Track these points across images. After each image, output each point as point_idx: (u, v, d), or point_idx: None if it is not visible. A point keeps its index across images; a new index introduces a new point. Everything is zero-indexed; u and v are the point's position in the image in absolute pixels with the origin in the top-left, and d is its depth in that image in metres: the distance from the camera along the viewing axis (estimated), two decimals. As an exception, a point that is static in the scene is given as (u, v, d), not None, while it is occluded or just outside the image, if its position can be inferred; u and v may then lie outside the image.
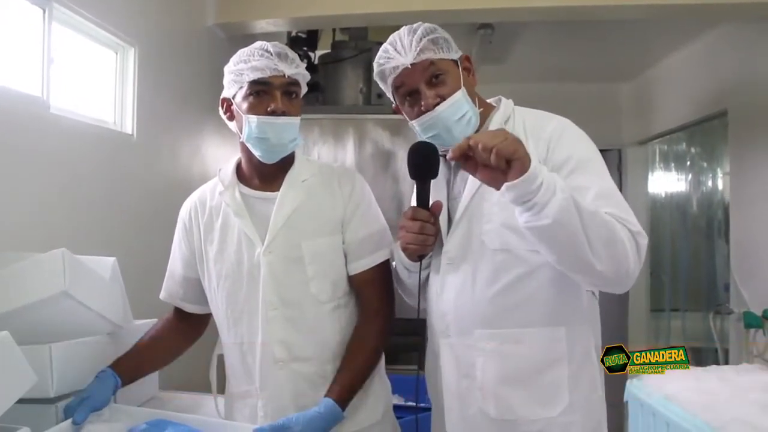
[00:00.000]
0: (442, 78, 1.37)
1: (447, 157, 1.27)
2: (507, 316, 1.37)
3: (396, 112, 1.50)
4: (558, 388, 1.36)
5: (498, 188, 1.18)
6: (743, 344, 3.30)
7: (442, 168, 1.43)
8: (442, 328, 1.43)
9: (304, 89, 1.51)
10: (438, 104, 1.35)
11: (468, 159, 1.19)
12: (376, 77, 1.45)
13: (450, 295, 1.41)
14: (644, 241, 1.25)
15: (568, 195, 1.15)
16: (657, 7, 3.01)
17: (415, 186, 1.41)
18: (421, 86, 1.37)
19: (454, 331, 1.41)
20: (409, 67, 1.36)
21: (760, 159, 3.43)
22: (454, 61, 1.40)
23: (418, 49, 1.35)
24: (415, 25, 1.40)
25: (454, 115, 1.36)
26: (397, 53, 1.37)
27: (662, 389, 2.22)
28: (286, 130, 1.44)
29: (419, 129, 1.41)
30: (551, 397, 1.36)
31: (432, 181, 1.38)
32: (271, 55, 1.42)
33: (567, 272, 1.28)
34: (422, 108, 1.37)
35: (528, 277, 1.35)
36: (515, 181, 1.14)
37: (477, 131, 1.41)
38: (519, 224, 1.22)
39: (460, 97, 1.37)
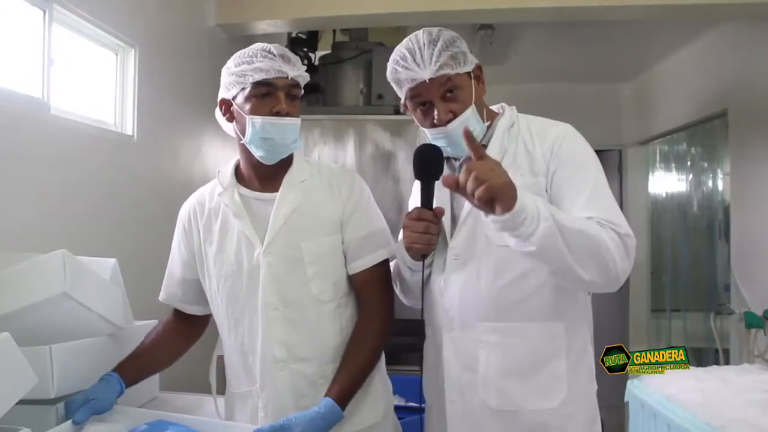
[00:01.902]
0: (457, 93, 1.41)
1: (441, 181, 1.33)
2: (510, 310, 1.41)
3: (399, 112, 1.53)
4: (557, 381, 1.41)
5: (486, 215, 1.26)
6: (744, 345, 3.30)
7: (445, 168, 1.47)
8: (446, 321, 1.47)
9: (302, 91, 1.52)
10: (450, 120, 1.40)
11: (459, 186, 1.25)
12: (389, 77, 1.47)
13: (455, 290, 1.45)
14: (632, 242, 1.33)
15: (551, 223, 1.24)
16: (657, 7, 3.01)
17: (419, 186, 1.45)
18: (435, 100, 1.41)
19: (458, 324, 1.45)
20: (427, 81, 1.38)
21: (760, 159, 3.43)
22: (468, 73, 1.44)
23: (438, 64, 1.38)
24: (434, 34, 1.41)
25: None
26: (416, 65, 1.39)
27: (663, 390, 2.23)
28: (290, 130, 1.45)
29: (430, 137, 1.46)
30: (551, 388, 1.41)
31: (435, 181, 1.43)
32: (275, 56, 1.43)
33: (557, 280, 1.38)
34: (435, 121, 1.42)
35: (530, 273, 1.40)
36: (501, 217, 1.22)
37: (482, 137, 1.47)
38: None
39: (470, 115, 1.42)
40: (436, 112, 1.41)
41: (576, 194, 1.37)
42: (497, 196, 1.20)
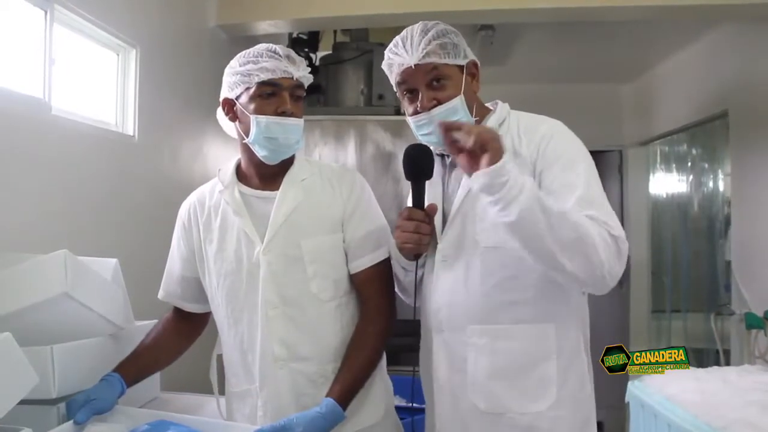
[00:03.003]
0: (443, 83, 1.40)
1: (438, 123, 1.34)
2: (498, 312, 1.40)
3: (400, 112, 1.52)
4: (546, 384, 1.39)
5: (470, 175, 1.25)
6: (744, 345, 3.30)
7: (437, 167, 1.47)
8: (436, 323, 1.46)
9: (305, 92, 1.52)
10: (433, 107, 1.39)
11: (453, 143, 1.26)
12: (383, 65, 1.47)
13: (444, 292, 1.44)
14: (624, 246, 1.29)
15: (533, 196, 1.21)
16: (658, 8, 3.02)
17: (410, 186, 1.44)
18: (420, 87, 1.40)
19: (447, 326, 1.44)
20: (413, 67, 1.38)
21: (761, 160, 3.43)
22: (460, 67, 1.42)
23: (425, 51, 1.38)
24: (430, 24, 1.42)
25: (447, 120, 1.39)
26: (404, 51, 1.39)
27: (664, 390, 2.23)
28: (294, 131, 1.45)
29: (413, 126, 1.45)
30: (540, 391, 1.39)
31: (427, 181, 1.42)
32: (280, 57, 1.43)
33: (544, 269, 1.32)
34: (418, 108, 1.41)
35: (519, 275, 1.38)
36: (484, 170, 1.21)
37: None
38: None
39: (457, 104, 1.40)
40: (419, 99, 1.40)
41: (565, 196, 1.31)
42: (486, 144, 1.21)
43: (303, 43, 3.86)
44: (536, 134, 1.41)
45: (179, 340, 1.64)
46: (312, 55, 3.86)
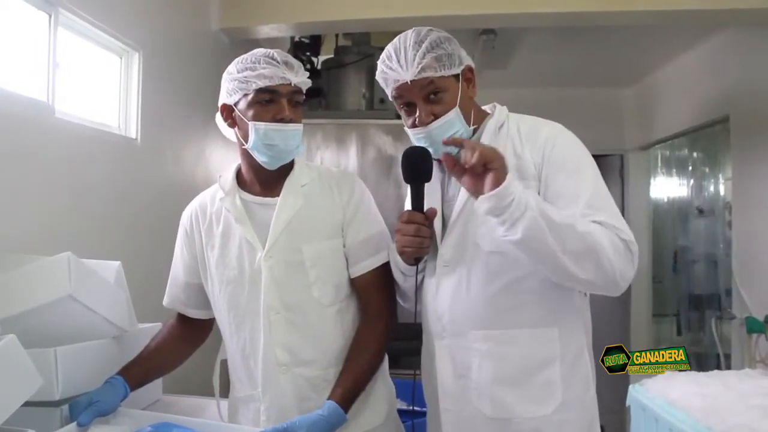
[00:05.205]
0: (440, 96, 1.39)
1: (442, 141, 1.36)
2: (501, 317, 1.39)
3: (400, 117, 1.52)
4: (551, 387, 1.39)
5: (476, 198, 1.27)
6: (745, 350, 3.30)
7: (436, 172, 1.46)
8: (438, 329, 1.46)
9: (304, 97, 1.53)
10: (431, 121, 1.38)
11: (456, 163, 1.29)
12: (377, 77, 1.47)
13: (445, 297, 1.44)
14: (635, 248, 1.31)
15: (538, 212, 1.22)
16: (659, 12, 3.02)
17: (409, 189, 1.44)
18: (418, 102, 1.40)
19: (450, 332, 1.44)
20: (409, 83, 1.37)
21: (762, 164, 3.43)
22: (456, 75, 1.41)
23: (420, 66, 1.36)
24: (422, 34, 1.40)
25: (445, 133, 1.39)
26: (399, 66, 1.38)
27: (665, 394, 2.22)
28: (293, 136, 1.45)
29: (412, 138, 1.45)
30: (545, 395, 1.39)
31: (426, 184, 1.42)
32: (278, 63, 1.43)
33: (556, 281, 1.34)
34: (416, 122, 1.41)
35: (521, 279, 1.38)
36: (489, 194, 1.22)
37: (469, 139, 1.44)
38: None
39: (453, 117, 1.39)
40: (417, 114, 1.40)
41: (574, 202, 1.32)
42: (490, 162, 1.23)
43: (305, 46, 3.87)
44: (539, 138, 1.40)
45: (183, 346, 1.65)
46: (314, 59, 3.86)
